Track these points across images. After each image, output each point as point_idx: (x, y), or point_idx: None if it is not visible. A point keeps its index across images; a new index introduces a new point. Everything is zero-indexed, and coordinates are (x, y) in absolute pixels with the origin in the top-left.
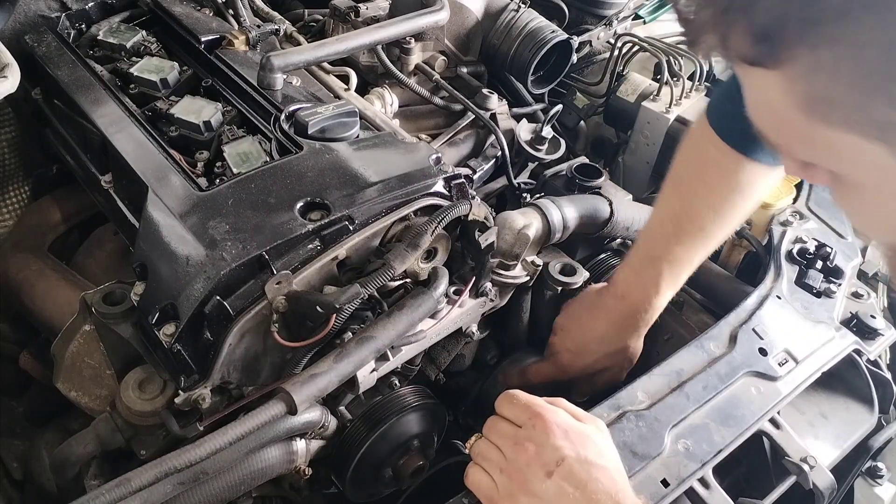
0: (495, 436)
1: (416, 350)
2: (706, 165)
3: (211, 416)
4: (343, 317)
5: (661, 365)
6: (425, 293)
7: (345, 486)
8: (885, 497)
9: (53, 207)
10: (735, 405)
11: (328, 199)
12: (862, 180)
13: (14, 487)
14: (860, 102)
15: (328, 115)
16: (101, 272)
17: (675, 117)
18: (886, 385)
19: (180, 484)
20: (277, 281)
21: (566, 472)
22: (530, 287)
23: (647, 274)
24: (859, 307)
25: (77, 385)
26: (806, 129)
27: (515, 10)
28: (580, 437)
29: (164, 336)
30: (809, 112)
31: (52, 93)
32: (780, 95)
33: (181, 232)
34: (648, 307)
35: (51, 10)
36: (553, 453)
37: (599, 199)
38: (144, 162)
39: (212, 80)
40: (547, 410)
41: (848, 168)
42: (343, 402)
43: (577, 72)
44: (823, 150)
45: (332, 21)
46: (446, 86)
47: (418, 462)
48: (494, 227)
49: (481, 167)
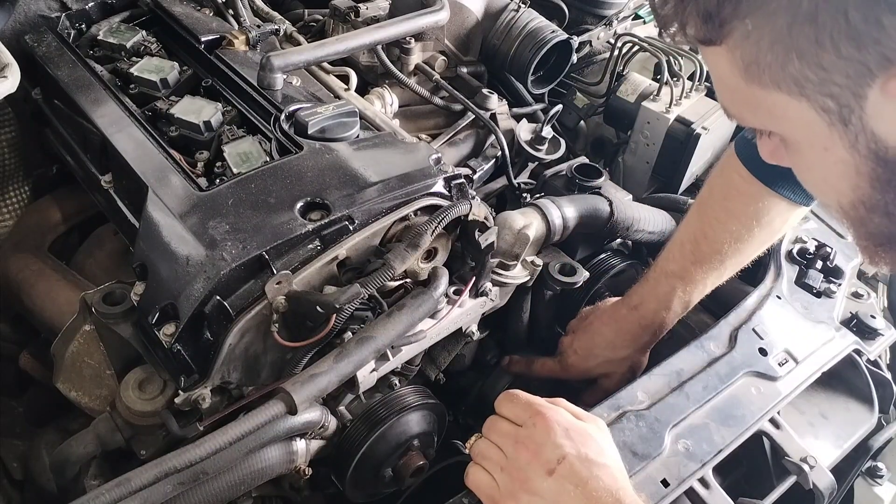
0: (496, 435)
1: (416, 350)
2: (730, 193)
3: (211, 416)
4: (343, 317)
5: (661, 365)
6: (425, 293)
7: (345, 486)
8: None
9: (53, 207)
10: (735, 405)
11: (328, 199)
12: (798, 139)
13: (14, 487)
14: (779, 61)
15: (328, 115)
16: (101, 272)
17: (675, 117)
18: (886, 385)
19: (180, 484)
20: (277, 281)
21: (567, 470)
22: (530, 287)
23: (661, 289)
24: (859, 307)
25: (77, 385)
26: (748, 94)
27: (515, 10)
28: (581, 436)
29: (164, 336)
30: (747, 77)
31: (52, 93)
32: (727, 67)
33: (181, 232)
34: (658, 321)
35: (51, 10)
36: (554, 451)
37: (599, 199)
38: (144, 162)
39: (212, 80)
40: (547, 409)
41: (785, 127)
42: (343, 402)
43: (577, 72)
44: (765, 113)
45: (332, 21)
46: (446, 86)
47: (418, 462)
48: (494, 227)
49: (481, 167)
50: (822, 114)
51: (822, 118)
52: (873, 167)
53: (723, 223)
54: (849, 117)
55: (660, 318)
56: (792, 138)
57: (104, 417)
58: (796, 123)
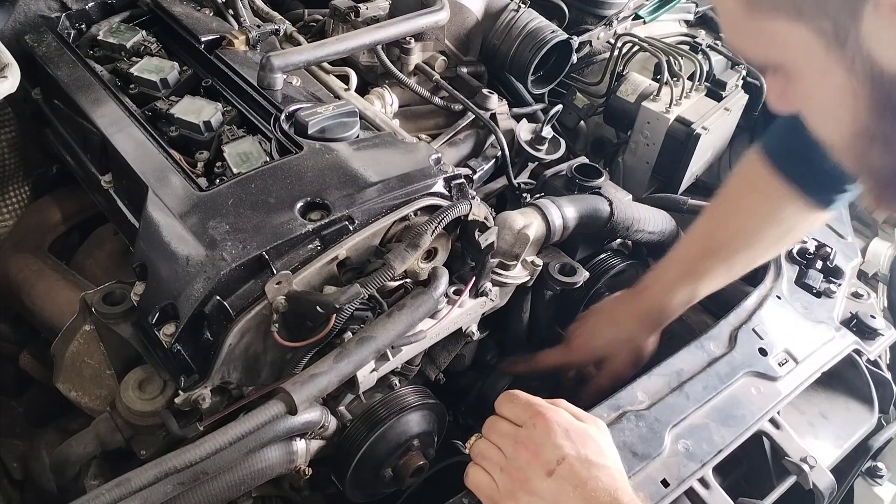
0: (495, 435)
1: (416, 350)
2: (750, 192)
3: (211, 416)
4: (343, 317)
5: (661, 365)
6: (425, 293)
7: (345, 486)
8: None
9: (53, 207)
10: (735, 405)
11: (328, 199)
12: (799, 66)
13: (14, 487)
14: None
15: (328, 115)
16: (101, 272)
17: (675, 117)
18: (886, 385)
19: (180, 484)
20: (277, 281)
21: (567, 470)
22: (530, 287)
23: (668, 275)
24: (859, 307)
25: (77, 385)
26: (751, 25)
27: (515, 10)
28: (581, 437)
29: (164, 336)
30: (749, 6)
31: (52, 93)
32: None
33: (181, 232)
34: (662, 305)
35: (51, 10)
36: (554, 452)
37: (599, 199)
38: (144, 162)
39: (212, 80)
40: (547, 409)
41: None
42: (343, 402)
43: (577, 72)
44: (767, 41)
45: (332, 21)
46: (446, 86)
47: (418, 462)
48: (494, 227)
49: (481, 167)
50: (819, 36)
51: (820, 41)
52: (870, 92)
53: (739, 220)
54: (845, 38)
55: (664, 302)
56: (793, 66)
57: (104, 417)
58: (796, 49)
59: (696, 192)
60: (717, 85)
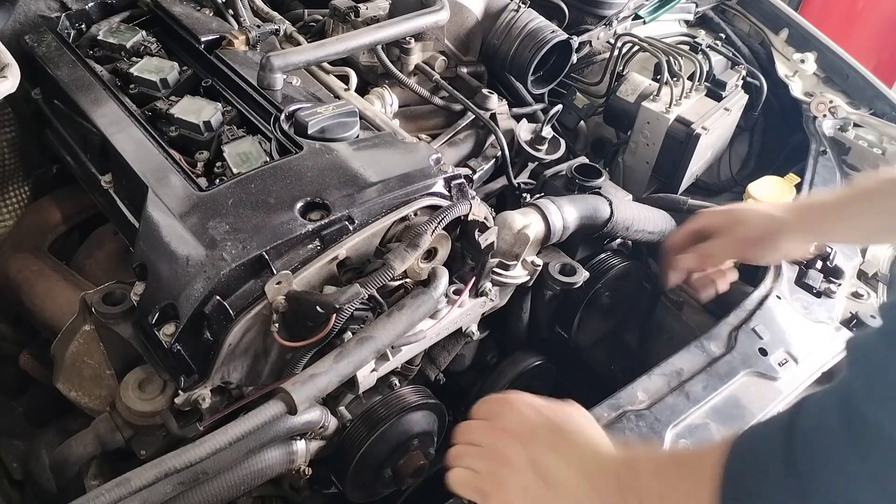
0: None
1: (416, 350)
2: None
3: (211, 416)
4: (343, 317)
5: (661, 365)
6: (425, 293)
7: (345, 486)
8: None
9: (53, 207)
10: (735, 405)
11: (328, 199)
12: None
13: (14, 487)
14: None
15: (328, 115)
16: (101, 272)
17: (674, 117)
18: None
19: (180, 484)
20: (277, 281)
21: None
22: (530, 287)
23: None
24: (859, 307)
25: (77, 385)
26: None
27: (515, 10)
28: (550, 409)
29: (164, 336)
30: None
31: (52, 93)
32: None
33: (181, 232)
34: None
35: (51, 10)
36: (526, 424)
37: (599, 199)
38: (144, 162)
39: (212, 80)
40: (514, 396)
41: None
42: (343, 402)
43: (577, 72)
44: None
45: (332, 21)
46: (446, 86)
47: (418, 462)
48: (494, 227)
49: (481, 167)
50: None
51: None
52: None
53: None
54: None
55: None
56: None
57: (104, 417)
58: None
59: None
60: (717, 85)
